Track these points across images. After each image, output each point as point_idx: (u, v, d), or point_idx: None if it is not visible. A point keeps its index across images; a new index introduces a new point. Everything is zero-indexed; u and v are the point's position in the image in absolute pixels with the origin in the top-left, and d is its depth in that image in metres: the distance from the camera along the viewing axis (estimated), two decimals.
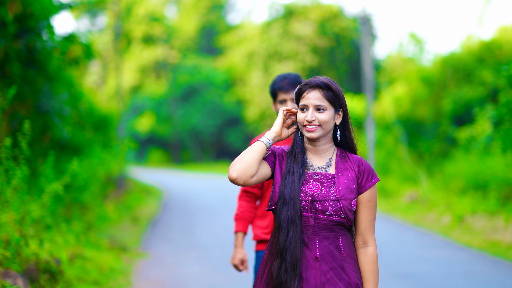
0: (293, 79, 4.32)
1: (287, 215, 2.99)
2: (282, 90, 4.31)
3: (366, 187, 3.08)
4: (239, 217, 4.33)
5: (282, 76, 4.37)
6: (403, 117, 23.21)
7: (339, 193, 3.03)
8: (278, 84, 4.33)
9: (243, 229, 4.31)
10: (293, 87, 4.27)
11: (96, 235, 10.39)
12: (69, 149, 13.55)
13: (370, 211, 3.09)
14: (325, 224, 3.02)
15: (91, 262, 8.05)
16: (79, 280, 7.07)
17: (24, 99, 11.24)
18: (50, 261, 6.33)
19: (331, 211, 3.01)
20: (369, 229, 3.09)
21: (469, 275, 8.42)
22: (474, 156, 17.05)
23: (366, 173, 3.10)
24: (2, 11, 9.95)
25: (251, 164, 3.01)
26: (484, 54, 21.95)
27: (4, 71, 10.72)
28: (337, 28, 35.31)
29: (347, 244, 3.07)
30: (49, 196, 6.75)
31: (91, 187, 11.90)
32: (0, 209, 6.00)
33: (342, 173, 3.09)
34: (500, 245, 10.71)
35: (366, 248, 3.10)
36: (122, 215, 13.90)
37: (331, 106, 3.06)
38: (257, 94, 36.76)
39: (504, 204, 13.31)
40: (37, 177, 9.20)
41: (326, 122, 3.05)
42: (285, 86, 4.30)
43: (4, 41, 10.12)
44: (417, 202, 16.45)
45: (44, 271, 6.18)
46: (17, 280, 5.59)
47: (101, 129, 17.73)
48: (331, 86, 3.05)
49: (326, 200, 3.02)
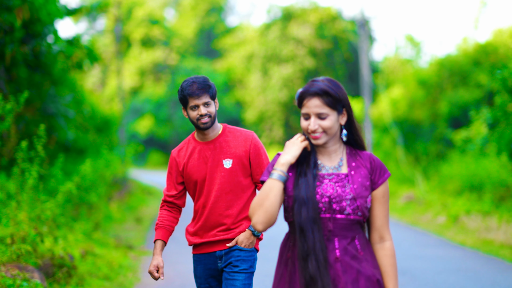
0: (202, 83, 4.14)
1: (307, 215, 2.93)
2: (193, 96, 4.11)
3: (379, 182, 3.05)
4: (158, 226, 4.26)
5: (190, 81, 4.17)
6: (400, 119, 23.47)
7: (355, 192, 2.99)
8: (187, 90, 4.13)
9: (162, 237, 4.22)
10: (203, 91, 4.12)
11: (103, 234, 10.75)
12: (74, 151, 13.87)
13: (384, 206, 3.06)
14: (343, 224, 2.98)
15: (101, 259, 8.43)
16: (91, 275, 7.45)
17: (31, 102, 11.50)
18: (65, 257, 6.69)
19: (349, 210, 2.97)
20: (384, 224, 3.06)
21: (461, 272, 8.78)
22: (469, 158, 17.27)
23: (378, 169, 3.06)
24: (11, 17, 10.23)
25: (274, 212, 2.96)
26: (480, 57, 22.14)
27: (11, 75, 11.02)
28: (335, 30, 35.56)
29: (363, 242, 3.03)
30: (63, 196, 7.11)
31: (98, 188, 12.25)
32: (17, 207, 6.35)
33: (355, 171, 3.05)
34: (493, 243, 11.07)
35: (384, 243, 3.06)
36: (126, 215, 14.26)
37: (332, 110, 2.98)
38: (256, 96, 37.07)
39: (498, 205, 13.61)
40: (46, 178, 9.53)
41: (330, 128, 2.98)
42: (195, 92, 4.11)
43: (12, 46, 10.40)
44: (414, 203, 16.73)
45: (59, 266, 6.54)
46: (34, 275, 5.94)
47: (104, 131, 18.06)
48: (329, 91, 2.96)
49: (343, 199, 2.97)
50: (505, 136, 12.86)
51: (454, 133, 20.05)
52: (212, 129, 4.21)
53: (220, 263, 4.20)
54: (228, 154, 4.18)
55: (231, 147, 4.20)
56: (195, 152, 4.22)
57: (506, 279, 8.33)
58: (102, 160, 13.68)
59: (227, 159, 4.18)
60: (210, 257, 4.22)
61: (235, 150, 4.19)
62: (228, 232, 4.18)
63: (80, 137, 14.14)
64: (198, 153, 4.21)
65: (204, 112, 4.11)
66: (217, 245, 4.20)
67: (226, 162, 4.18)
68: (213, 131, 4.22)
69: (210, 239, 4.18)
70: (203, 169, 4.19)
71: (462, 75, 22.70)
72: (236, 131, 4.26)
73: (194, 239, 4.24)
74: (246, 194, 4.22)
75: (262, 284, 8.14)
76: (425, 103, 23.08)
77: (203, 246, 4.24)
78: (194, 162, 4.21)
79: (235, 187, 4.17)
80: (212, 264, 4.22)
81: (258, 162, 4.23)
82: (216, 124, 4.23)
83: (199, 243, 4.23)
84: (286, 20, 36.43)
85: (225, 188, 4.16)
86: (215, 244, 4.20)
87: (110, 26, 41.54)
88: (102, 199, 12.81)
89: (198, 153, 4.21)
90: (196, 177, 4.20)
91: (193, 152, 4.23)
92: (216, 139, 4.22)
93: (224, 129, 4.26)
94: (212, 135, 4.22)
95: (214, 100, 4.19)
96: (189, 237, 4.27)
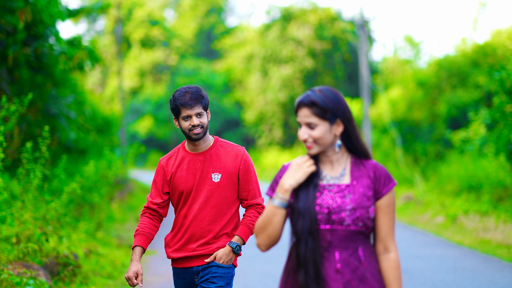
0: (195, 93, 4.06)
1: (303, 226, 2.92)
2: (186, 106, 4.03)
3: (383, 192, 2.98)
4: (139, 232, 4.16)
5: (183, 91, 4.08)
6: (399, 119, 23.57)
7: (356, 202, 2.94)
8: (180, 100, 4.04)
9: (141, 243, 4.13)
10: (196, 102, 4.04)
11: (105, 233, 10.89)
12: (75, 152, 13.98)
13: (389, 217, 2.99)
14: (343, 235, 2.94)
15: (104, 258, 8.57)
16: (94, 274, 7.59)
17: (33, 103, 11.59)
18: (69, 256, 6.83)
19: (349, 221, 2.93)
20: (389, 235, 2.99)
21: (458, 271, 8.91)
22: (468, 158, 17.36)
23: (383, 178, 3.00)
24: (13, 19, 10.32)
25: (276, 236, 3.00)
26: (478, 58, 22.18)
27: (13, 76, 11.11)
28: (335, 31, 35.63)
29: (367, 253, 2.98)
30: (67, 196, 7.23)
31: (100, 188, 12.37)
32: (22, 207, 6.48)
33: (358, 181, 3.00)
34: (490, 243, 11.19)
35: (388, 254, 3.00)
36: (127, 215, 14.39)
37: (322, 120, 2.94)
38: (255, 96, 37.18)
39: (496, 205, 13.72)
40: (49, 179, 9.65)
41: (319, 138, 2.95)
42: (188, 102, 4.03)
43: (14, 47, 10.49)
44: (412, 203, 16.84)
45: (64, 265, 6.67)
46: (39, 273, 6.07)
47: (104, 132, 18.17)
48: (316, 102, 2.93)
49: (342, 210, 2.93)
50: (503, 136, 12.92)
51: (453, 133, 20.13)
52: (203, 140, 4.13)
53: (197, 279, 4.12)
54: (217, 168, 4.11)
55: (221, 161, 4.13)
56: (184, 162, 4.14)
57: (502, 278, 8.46)
58: (105, 160, 13.79)
59: (216, 173, 4.10)
60: (188, 272, 4.14)
61: (225, 164, 4.12)
62: (207, 246, 4.10)
63: (81, 137, 14.24)
64: (187, 164, 4.13)
65: (197, 123, 4.03)
66: (194, 260, 4.12)
67: (214, 176, 4.10)
68: (204, 143, 4.14)
69: (188, 254, 4.10)
70: (191, 180, 4.11)
71: (461, 76, 22.78)
72: (227, 146, 4.18)
73: (173, 253, 4.15)
74: (231, 210, 4.14)
75: (262, 283, 8.24)
76: (424, 104, 23.18)
77: (180, 260, 4.16)
78: (183, 172, 4.13)
79: (221, 202, 4.10)
80: (190, 278, 4.14)
81: (247, 179, 4.16)
82: (207, 136, 4.16)
83: (177, 257, 4.14)
84: (286, 20, 36.51)
85: (211, 202, 4.09)
86: (193, 259, 4.12)
87: (110, 27, 41.68)
88: (104, 199, 12.93)
89: (188, 163, 4.13)
90: (183, 187, 4.11)
91: (182, 162, 4.15)
92: (207, 151, 4.14)
93: (215, 142, 4.19)
94: (203, 146, 4.15)
95: (207, 110, 4.12)
96: (168, 251, 4.19)
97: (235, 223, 4.18)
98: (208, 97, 4.21)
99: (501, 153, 13.16)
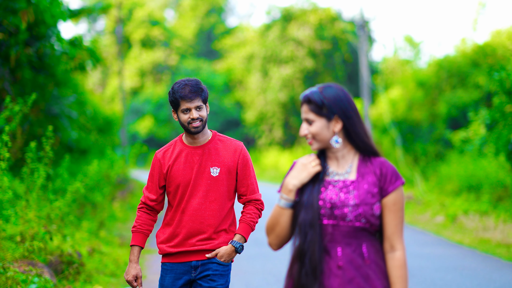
0: (195, 86, 4.03)
1: (305, 218, 2.91)
2: (185, 99, 3.99)
3: (389, 190, 2.95)
4: (137, 229, 4.11)
5: (182, 84, 4.05)
6: (399, 119, 23.62)
7: (359, 198, 2.92)
8: (180, 93, 4.00)
9: (139, 243, 4.09)
10: (196, 95, 4.01)
11: (108, 232, 10.97)
12: (77, 151, 14.05)
13: (395, 215, 2.94)
14: (346, 231, 2.92)
15: (107, 256, 8.65)
16: (98, 272, 7.67)
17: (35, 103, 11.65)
18: (73, 255, 6.91)
19: (351, 217, 2.91)
20: (395, 233, 2.94)
21: (458, 270, 8.98)
22: (468, 158, 17.41)
23: (390, 176, 2.97)
24: (16, 19, 10.38)
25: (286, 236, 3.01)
26: (478, 58, 22.23)
27: (16, 77, 11.18)
28: (335, 31, 35.68)
29: (372, 250, 2.95)
30: (72, 195, 7.30)
31: (103, 188, 12.43)
32: (26, 206, 6.55)
33: (363, 178, 2.98)
34: (490, 242, 11.27)
35: (394, 253, 2.95)
36: (128, 214, 14.47)
37: (318, 117, 2.96)
38: (256, 96, 37.23)
39: (496, 205, 13.78)
40: (52, 178, 9.71)
41: (316, 134, 2.97)
42: (187, 95, 3.99)
43: (17, 48, 10.55)
44: (412, 203, 16.89)
45: (68, 263, 6.76)
46: (44, 271, 6.14)
47: (105, 131, 18.25)
48: (311, 98, 2.95)
49: (345, 206, 2.92)
50: (503, 137, 12.97)
51: (453, 133, 20.20)
52: (202, 134, 4.08)
53: (194, 274, 4.05)
54: (216, 162, 4.06)
55: (220, 156, 4.08)
56: (182, 155, 4.08)
57: (502, 277, 8.53)
58: (107, 160, 13.87)
59: (215, 167, 4.05)
60: (184, 266, 4.06)
61: (224, 159, 4.07)
62: (208, 242, 4.04)
63: (83, 137, 14.31)
64: (185, 157, 4.07)
65: (196, 116, 3.99)
66: (194, 254, 4.05)
67: (213, 170, 4.05)
68: (203, 136, 4.09)
69: (188, 249, 4.03)
70: (189, 173, 4.05)
71: (461, 76, 22.84)
72: (226, 140, 4.14)
73: (168, 248, 4.06)
74: (228, 205, 4.10)
75: (264, 282, 8.30)
76: (424, 104, 23.24)
77: (178, 255, 4.07)
78: (180, 165, 4.06)
79: (220, 197, 4.05)
80: (184, 273, 4.07)
81: (245, 174, 4.12)
82: (206, 129, 4.11)
83: (174, 252, 4.06)
84: (286, 21, 36.56)
85: (210, 196, 4.03)
86: (192, 254, 4.05)
87: (111, 27, 41.76)
88: (106, 198, 13.00)
89: (185, 156, 4.07)
90: (180, 181, 4.05)
91: (179, 155, 4.09)
92: (206, 145, 4.09)
93: (214, 136, 4.14)
94: (201, 140, 4.10)
95: (206, 104, 4.07)
96: (162, 246, 4.09)
97: (232, 219, 4.15)
98: (208, 97, 4.21)
99: (501, 153, 13.22)
